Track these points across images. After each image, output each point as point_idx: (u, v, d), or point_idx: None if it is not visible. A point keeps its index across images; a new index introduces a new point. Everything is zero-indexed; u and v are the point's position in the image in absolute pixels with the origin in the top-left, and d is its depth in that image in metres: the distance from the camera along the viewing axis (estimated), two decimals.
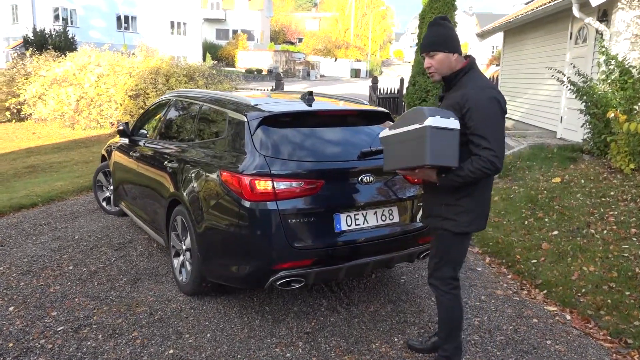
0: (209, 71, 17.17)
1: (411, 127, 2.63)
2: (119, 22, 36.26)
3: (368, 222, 3.58)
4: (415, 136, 2.59)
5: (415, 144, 2.60)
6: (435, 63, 2.81)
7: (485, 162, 2.61)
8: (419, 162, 2.62)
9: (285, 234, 3.30)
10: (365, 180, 3.54)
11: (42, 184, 8.49)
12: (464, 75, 2.79)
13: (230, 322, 3.63)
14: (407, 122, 2.68)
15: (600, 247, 4.84)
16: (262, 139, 3.50)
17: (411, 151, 2.64)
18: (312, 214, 3.39)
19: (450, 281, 2.95)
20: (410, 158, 2.66)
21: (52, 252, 4.93)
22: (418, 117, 2.60)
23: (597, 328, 3.73)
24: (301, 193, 3.36)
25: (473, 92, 2.69)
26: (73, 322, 3.57)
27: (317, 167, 3.44)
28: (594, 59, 8.59)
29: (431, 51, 2.80)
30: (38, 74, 16.38)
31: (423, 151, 2.55)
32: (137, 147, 5.14)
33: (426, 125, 2.53)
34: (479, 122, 2.62)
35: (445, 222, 2.85)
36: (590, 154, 7.86)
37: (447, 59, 2.79)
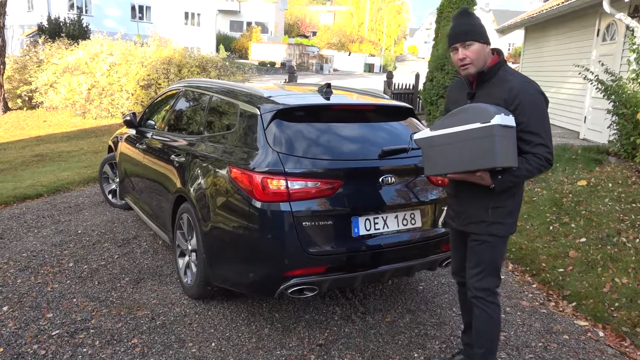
0: (221, 62, 16.98)
1: (472, 125, 2.38)
2: (133, 12, 36.07)
3: (388, 227, 3.30)
4: (480, 135, 2.35)
5: (480, 144, 2.36)
6: (471, 54, 2.54)
7: (541, 159, 2.44)
8: (486, 165, 2.38)
9: (299, 238, 3.03)
10: (386, 182, 3.26)
11: (49, 173, 8.32)
12: (499, 68, 2.56)
13: (237, 330, 3.38)
14: (463, 120, 2.43)
15: (633, 257, 4.52)
16: (276, 133, 3.23)
17: (473, 153, 2.39)
18: (328, 217, 3.12)
19: (495, 290, 2.71)
20: (471, 160, 2.41)
21: (52, 247, 4.71)
22: (480, 114, 2.37)
23: (633, 347, 3.43)
24: (317, 194, 3.08)
25: (521, 85, 2.47)
26: (69, 326, 3.33)
27: (334, 166, 3.17)
28: (623, 57, 8.21)
29: (467, 41, 2.54)
30: (50, 61, 16.26)
31: (492, 152, 2.33)
32: (144, 138, 4.89)
33: (495, 124, 2.31)
34: (531, 117, 2.43)
35: (492, 227, 2.61)
36: (616, 156, 7.51)
37: (483, 51, 2.55)
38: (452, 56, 2.64)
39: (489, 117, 2.33)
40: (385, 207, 3.28)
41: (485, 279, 2.67)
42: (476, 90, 2.62)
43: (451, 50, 2.62)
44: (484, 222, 2.61)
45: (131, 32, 30.12)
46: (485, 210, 2.60)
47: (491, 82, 2.56)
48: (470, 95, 2.63)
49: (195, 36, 37.70)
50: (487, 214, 2.60)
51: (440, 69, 11.05)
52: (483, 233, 2.63)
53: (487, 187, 2.52)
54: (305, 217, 3.05)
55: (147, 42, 17.67)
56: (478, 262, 2.67)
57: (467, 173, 2.50)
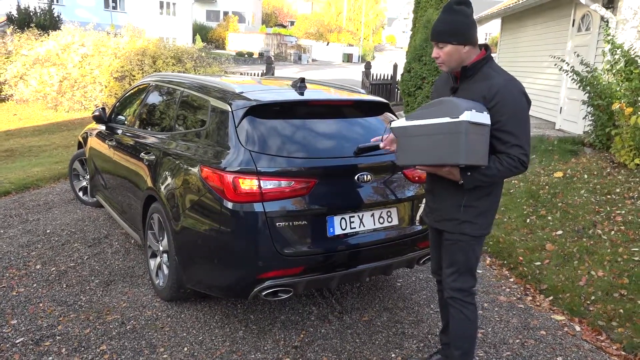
0: (197, 54, 16.65)
1: (441, 119, 2.32)
2: (106, 2, 35.24)
3: (364, 225, 3.23)
4: (447, 131, 2.29)
5: (447, 139, 2.30)
6: (443, 55, 2.49)
7: (515, 160, 2.37)
8: (450, 161, 2.33)
9: (272, 239, 2.94)
10: (361, 179, 3.18)
11: (18, 169, 8.06)
12: (484, 64, 2.49)
13: (211, 333, 3.28)
14: (435, 113, 2.36)
15: (609, 249, 4.54)
16: (248, 131, 3.12)
17: (439, 147, 2.34)
18: (303, 216, 3.03)
19: (472, 290, 2.65)
20: (437, 155, 2.37)
21: (19, 248, 4.55)
22: (451, 109, 2.30)
23: (609, 341, 3.44)
24: (291, 193, 3.00)
25: (502, 84, 2.39)
26: (34, 333, 3.20)
27: (309, 165, 3.08)
28: (597, 47, 8.25)
29: (440, 42, 2.48)
30: (19, 53, 15.77)
31: (457, 149, 2.26)
32: (114, 134, 4.74)
33: (463, 120, 2.24)
34: (509, 117, 2.35)
35: (464, 225, 2.54)
36: (592, 147, 7.57)
37: (457, 52, 2.46)
38: None
39: (457, 113, 2.27)
40: (361, 205, 3.21)
41: (460, 279, 2.61)
42: (459, 84, 2.55)
43: None
44: (456, 219, 2.56)
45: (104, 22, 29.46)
46: (457, 208, 2.55)
47: (474, 78, 2.49)
48: (453, 90, 2.57)
49: (170, 26, 37.05)
50: (458, 212, 2.55)
51: (418, 60, 11.00)
52: (455, 232, 2.58)
53: (459, 184, 2.48)
54: (279, 218, 2.96)
55: (120, 32, 17.26)
56: (452, 262, 2.63)
57: (435, 166, 2.47)
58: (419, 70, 10.93)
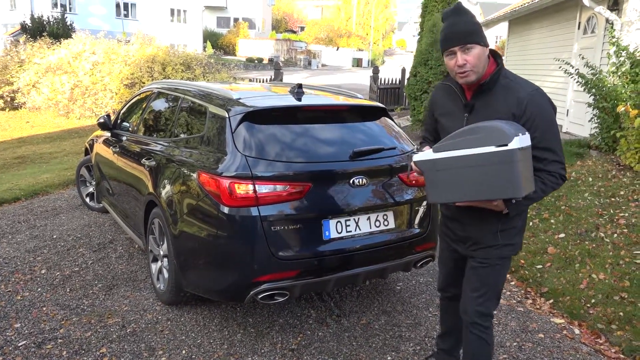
0: (206, 60, 16.80)
1: (485, 149, 2.04)
2: (118, 9, 35.69)
3: (360, 229, 3.26)
4: (497, 161, 2.02)
5: (496, 171, 2.03)
6: (472, 59, 2.17)
7: (556, 177, 2.20)
8: (505, 195, 2.06)
9: (268, 242, 2.98)
10: (357, 183, 3.22)
11: (29, 176, 8.19)
12: (500, 75, 2.24)
13: (209, 336, 3.33)
14: (474, 142, 2.07)
15: (611, 252, 4.52)
16: (245, 137, 3.17)
17: (490, 180, 2.06)
18: (298, 220, 3.07)
19: (493, 314, 2.50)
20: (486, 189, 2.08)
21: (26, 253, 4.63)
22: (495, 136, 2.02)
23: (608, 344, 3.43)
24: (286, 197, 3.04)
25: (530, 96, 2.17)
26: (37, 336, 3.27)
27: (304, 169, 3.12)
28: (603, 50, 8.23)
29: (469, 43, 2.16)
30: (32, 61, 16.04)
31: (512, 181, 2.01)
32: (118, 141, 4.82)
33: (514, 149, 1.98)
34: (543, 131, 2.15)
35: (503, 249, 2.36)
36: (598, 150, 7.53)
37: (484, 55, 2.19)
38: (447, 62, 2.24)
39: (506, 140, 1.99)
40: (357, 209, 3.24)
41: (486, 303, 2.43)
42: (473, 101, 2.26)
43: (446, 54, 2.23)
44: (493, 246, 2.35)
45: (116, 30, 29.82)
46: (494, 235, 2.33)
47: (492, 92, 2.22)
48: (469, 108, 2.28)
49: (181, 33, 37.41)
50: (495, 238, 2.33)
51: (424, 64, 11.01)
52: (492, 257, 2.37)
53: (490, 210, 2.25)
54: (275, 221, 3.00)
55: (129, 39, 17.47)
56: (481, 286, 2.42)
57: (482, 202, 2.19)
58: (425, 75, 10.93)
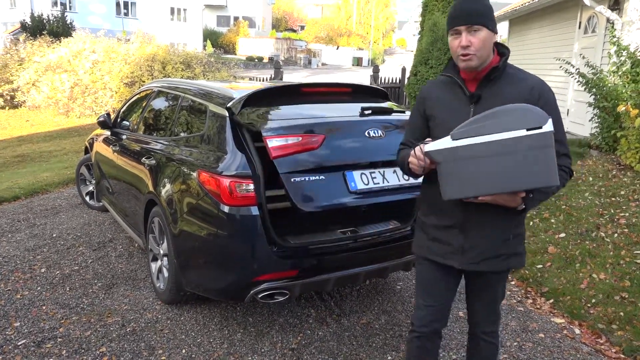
0: (206, 59, 16.78)
1: (517, 133, 1.83)
2: (118, 8, 35.66)
3: (388, 181, 3.25)
4: (532, 146, 1.82)
5: (532, 157, 1.82)
6: (477, 42, 1.96)
7: (566, 172, 2.05)
8: (539, 184, 1.86)
9: (268, 242, 2.98)
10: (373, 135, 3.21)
11: (28, 174, 8.18)
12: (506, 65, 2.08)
13: (209, 335, 3.32)
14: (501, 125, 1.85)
15: (611, 252, 4.52)
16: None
17: (521, 168, 1.84)
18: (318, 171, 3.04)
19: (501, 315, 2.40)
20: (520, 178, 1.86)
21: (25, 252, 4.63)
22: (530, 117, 1.83)
23: (609, 344, 3.42)
24: (300, 149, 3.01)
25: (541, 84, 2.04)
26: (36, 335, 3.26)
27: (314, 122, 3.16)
28: (604, 49, 8.22)
29: (476, 24, 1.95)
30: (32, 60, 16.03)
31: (549, 167, 1.82)
32: (118, 140, 4.81)
33: (550, 130, 1.81)
34: (556, 122, 1.95)
35: (512, 260, 2.13)
36: (598, 150, 7.53)
37: (491, 41, 2.00)
38: (451, 42, 2.03)
39: (540, 121, 1.80)
40: (379, 161, 3.24)
41: (498, 320, 2.29)
42: (479, 91, 2.05)
43: (450, 33, 2.02)
44: (502, 255, 2.10)
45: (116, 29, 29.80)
46: (504, 241, 2.09)
47: (499, 81, 2.05)
48: (475, 99, 2.05)
49: (181, 32, 37.38)
50: (505, 245, 2.09)
51: (424, 63, 11.00)
52: (501, 269, 2.13)
53: (507, 210, 2.02)
54: (294, 173, 2.96)
55: (129, 38, 17.46)
56: (492, 306, 2.24)
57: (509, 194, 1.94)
58: (425, 74, 10.92)
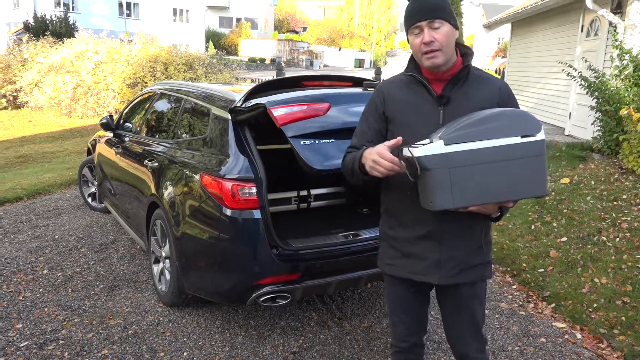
0: (208, 60, 16.80)
1: (512, 140, 1.75)
2: (120, 9, 35.70)
3: None
4: (528, 154, 1.76)
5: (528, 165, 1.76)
6: (441, 37, 1.86)
7: None
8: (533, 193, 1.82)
9: (270, 244, 2.98)
10: None
11: (31, 175, 8.20)
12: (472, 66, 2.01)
13: (211, 338, 3.33)
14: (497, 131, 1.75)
15: (613, 256, 4.51)
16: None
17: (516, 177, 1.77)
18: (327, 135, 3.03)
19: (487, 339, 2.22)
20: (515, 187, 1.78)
21: (28, 254, 4.64)
22: (522, 124, 1.76)
23: (610, 349, 3.42)
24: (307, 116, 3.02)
25: (506, 85, 2.02)
26: (39, 337, 3.27)
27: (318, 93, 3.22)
28: (606, 52, 8.22)
29: (437, 19, 1.86)
30: (35, 60, 16.06)
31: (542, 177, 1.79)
32: (121, 141, 4.82)
33: (543, 139, 1.77)
34: None
35: (486, 269, 2.08)
36: (600, 153, 7.51)
37: (454, 36, 1.92)
38: (412, 41, 1.92)
39: (536, 129, 1.75)
40: None
41: (484, 346, 2.13)
42: (448, 92, 1.94)
43: (411, 33, 1.92)
44: (477, 265, 2.03)
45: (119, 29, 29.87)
46: (477, 250, 2.02)
47: (467, 82, 1.96)
48: (444, 100, 1.93)
49: (184, 33, 37.43)
50: (479, 254, 2.03)
51: None
52: (477, 280, 2.04)
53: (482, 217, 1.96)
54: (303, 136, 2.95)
55: (131, 39, 17.49)
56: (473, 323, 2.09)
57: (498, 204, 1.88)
58: None
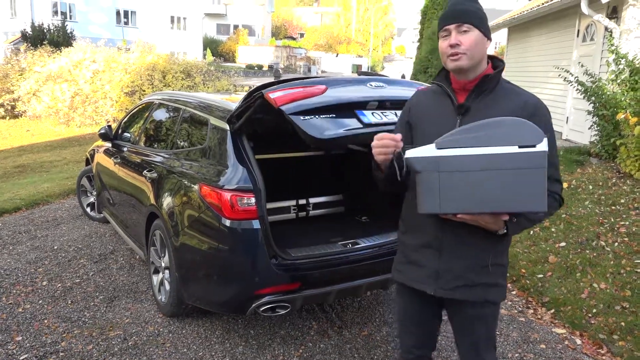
0: (206, 68, 16.86)
1: (509, 149, 1.66)
2: (118, 17, 35.79)
3: None
4: (524, 165, 1.65)
5: (522, 178, 1.66)
6: (467, 42, 1.82)
7: (556, 199, 1.87)
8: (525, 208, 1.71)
9: (270, 254, 2.99)
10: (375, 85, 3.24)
11: (29, 185, 8.20)
12: (500, 78, 1.91)
13: (211, 348, 3.33)
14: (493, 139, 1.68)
15: (612, 261, 4.52)
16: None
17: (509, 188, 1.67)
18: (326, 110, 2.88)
19: None
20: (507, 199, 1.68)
21: (27, 265, 4.63)
22: (522, 133, 1.66)
23: (610, 355, 3.42)
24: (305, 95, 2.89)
25: (537, 101, 1.87)
26: (38, 349, 3.26)
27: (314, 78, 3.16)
28: (602, 57, 8.26)
29: (466, 23, 1.82)
30: (32, 69, 16.09)
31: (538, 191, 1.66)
32: (119, 152, 4.83)
33: (544, 151, 1.65)
34: (551, 145, 1.79)
35: (491, 291, 1.94)
36: (598, 157, 7.54)
37: (483, 45, 1.85)
38: (440, 44, 1.88)
39: (534, 139, 1.64)
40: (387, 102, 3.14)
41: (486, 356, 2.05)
42: (469, 102, 1.88)
43: (440, 35, 1.87)
44: (480, 284, 1.92)
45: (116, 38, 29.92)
46: (483, 268, 1.91)
47: (492, 94, 1.88)
48: (463, 110, 1.88)
49: (181, 40, 37.51)
50: (484, 273, 1.91)
51: (424, 71, 11.07)
52: (478, 300, 1.94)
53: (488, 233, 1.85)
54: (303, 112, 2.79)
55: (129, 47, 17.53)
56: (473, 342, 2.04)
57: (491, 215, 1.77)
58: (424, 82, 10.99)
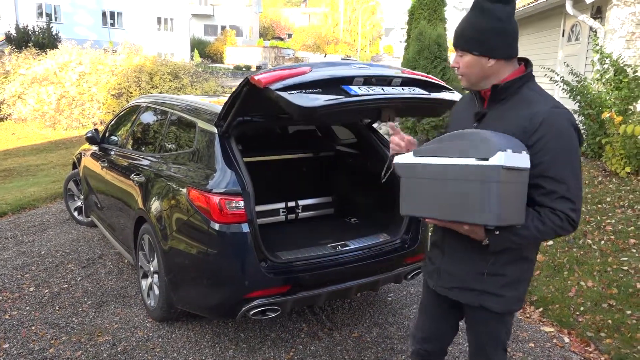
0: (194, 69, 16.78)
1: (465, 160, 1.73)
2: (104, 19, 35.49)
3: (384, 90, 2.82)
4: (473, 177, 1.70)
5: (472, 190, 1.71)
6: (462, 66, 1.94)
7: (561, 219, 1.79)
8: (473, 219, 1.74)
9: (259, 258, 2.98)
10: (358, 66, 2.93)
11: (15, 189, 8.11)
12: (522, 85, 1.91)
13: (201, 353, 3.31)
14: (455, 150, 1.77)
15: (598, 259, 4.57)
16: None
17: (460, 199, 1.75)
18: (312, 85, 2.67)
19: None
20: (456, 209, 1.76)
21: (13, 271, 4.58)
22: (478, 146, 1.71)
23: (597, 352, 3.46)
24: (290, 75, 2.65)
25: (549, 112, 1.81)
26: (26, 357, 3.23)
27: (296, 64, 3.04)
28: (587, 57, 8.35)
29: (460, 50, 1.94)
30: (17, 72, 15.91)
31: (486, 204, 1.68)
32: (106, 155, 4.79)
33: (496, 165, 1.66)
34: (555, 157, 1.78)
35: (486, 298, 1.96)
36: (584, 156, 7.62)
37: (478, 65, 1.90)
38: None
39: (488, 153, 1.67)
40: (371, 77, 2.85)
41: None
42: (487, 109, 1.95)
43: None
44: (474, 290, 1.97)
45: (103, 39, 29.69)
46: (478, 276, 1.95)
47: (510, 102, 1.90)
48: (479, 116, 1.96)
49: (168, 41, 37.30)
50: (479, 281, 1.95)
51: None
52: (474, 304, 2.00)
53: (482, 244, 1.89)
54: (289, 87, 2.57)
55: (115, 49, 17.40)
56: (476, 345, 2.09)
57: (451, 223, 1.87)
58: None
